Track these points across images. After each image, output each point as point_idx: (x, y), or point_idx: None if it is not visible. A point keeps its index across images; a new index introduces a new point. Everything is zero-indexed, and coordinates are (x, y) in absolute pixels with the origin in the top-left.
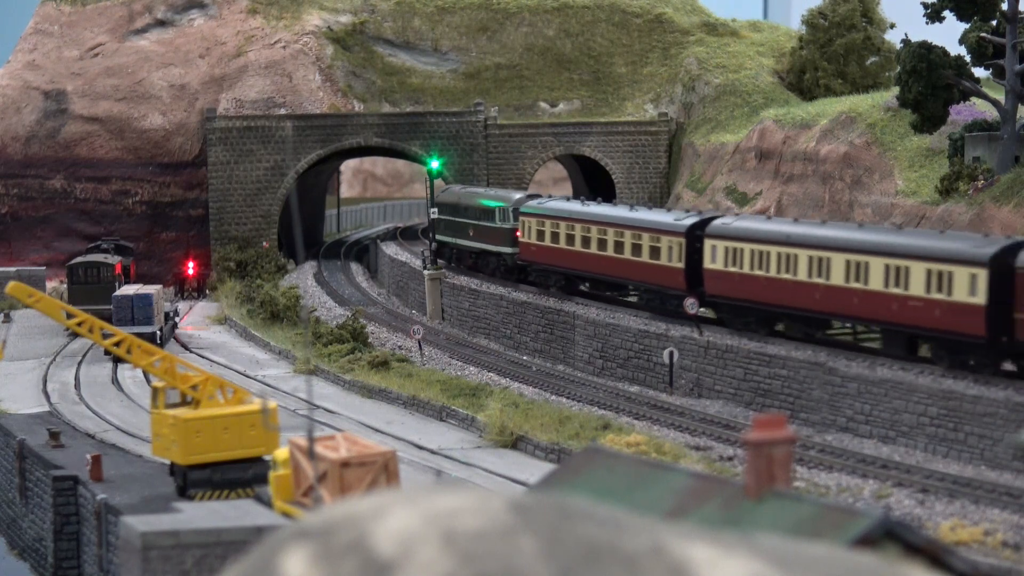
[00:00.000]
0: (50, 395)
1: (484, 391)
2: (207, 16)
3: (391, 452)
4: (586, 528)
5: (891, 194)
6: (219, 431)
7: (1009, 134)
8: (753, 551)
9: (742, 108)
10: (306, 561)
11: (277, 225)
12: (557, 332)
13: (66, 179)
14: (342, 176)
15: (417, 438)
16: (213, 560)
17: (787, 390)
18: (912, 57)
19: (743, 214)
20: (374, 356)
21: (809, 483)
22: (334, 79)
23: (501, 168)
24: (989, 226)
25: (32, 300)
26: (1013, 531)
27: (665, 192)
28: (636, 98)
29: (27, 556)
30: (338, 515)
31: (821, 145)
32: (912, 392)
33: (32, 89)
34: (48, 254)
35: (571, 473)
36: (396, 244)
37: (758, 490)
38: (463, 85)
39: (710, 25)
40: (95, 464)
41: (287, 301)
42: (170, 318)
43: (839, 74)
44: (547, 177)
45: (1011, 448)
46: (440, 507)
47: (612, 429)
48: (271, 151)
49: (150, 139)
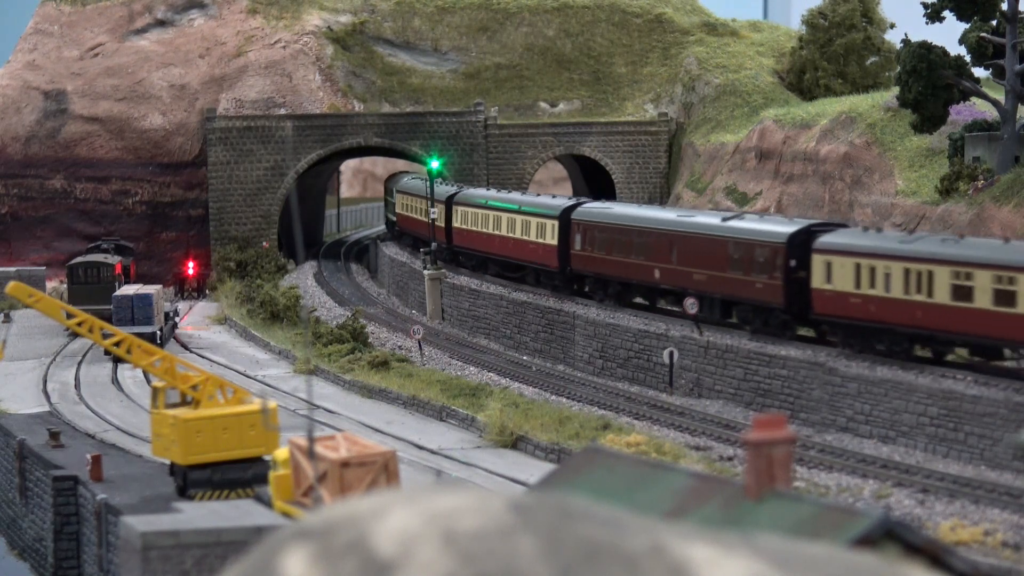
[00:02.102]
0: (50, 395)
1: (484, 391)
2: (207, 16)
3: (391, 452)
4: (586, 528)
5: (891, 194)
6: (219, 431)
7: (1009, 134)
8: (753, 551)
9: (742, 108)
10: (306, 561)
11: (277, 225)
12: (557, 332)
13: (66, 179)
14: (342, 176)
15: (417, 438)
16: (213, 560)
17: (787, 390)
18: (912, 57)
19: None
20: (374, 356)
21: (809, 483)
22: (334, 79)
23: (501, 168)
24: (989, 226)
25: (32, 300)
26: (1013, 531)
27: (665, 192)
28: (636, 98)
29: (27, 556)
30: (338, 515)
31: (821, 145)
32: (912, 392)
33: (32, 89)
34: (48, 254)
35: (571, 473)
36: (396, 244)
37: (758, 490)
38: (463, 85)
39: (710, 25)
40: (95, 464)
41: (287, 301)
42: (170, 318)
43: (839, 74)
44: (547, 177)
45: (1011, 448)
46: (440, 507)
47: (612, 429)
48: (271, 151)
49: (150, 139)
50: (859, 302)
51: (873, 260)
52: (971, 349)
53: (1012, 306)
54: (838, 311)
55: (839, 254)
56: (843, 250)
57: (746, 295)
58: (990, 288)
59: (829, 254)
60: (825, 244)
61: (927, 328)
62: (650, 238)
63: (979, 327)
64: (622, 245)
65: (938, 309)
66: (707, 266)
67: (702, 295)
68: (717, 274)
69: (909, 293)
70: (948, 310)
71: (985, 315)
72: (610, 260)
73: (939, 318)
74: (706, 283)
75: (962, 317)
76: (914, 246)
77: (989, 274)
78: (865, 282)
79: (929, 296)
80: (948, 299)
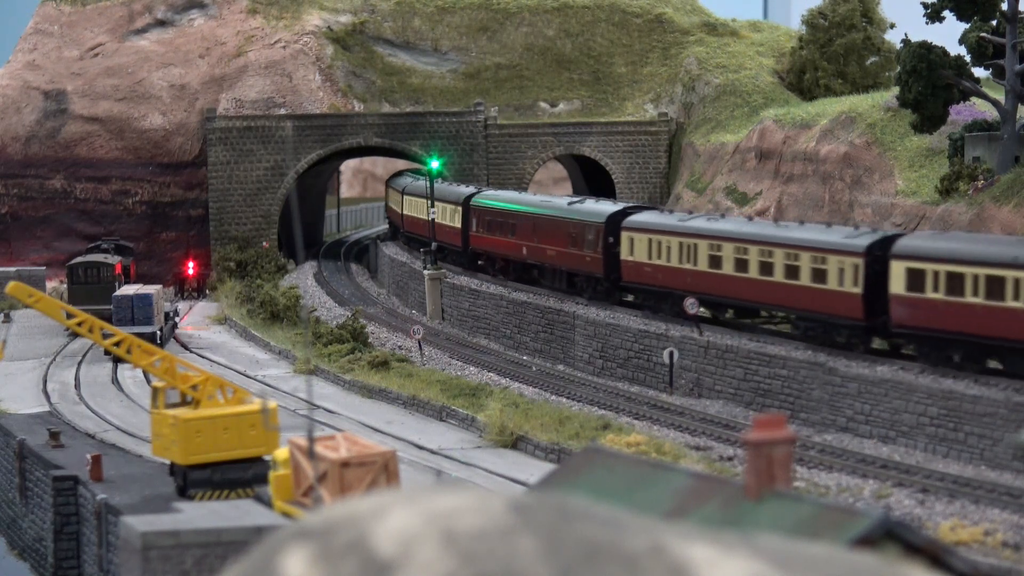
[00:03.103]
0: (50, 395)
1: (484, 391)
2: (207, 16)
3: (391, 452)
4: (586, 528)
5: (891, 194)
6: (219, 431)
7: (1009, 134)
8: (753, 551)
9: (742, 108)
10: (306, 561)
11: (277, 225)
12: (557, 332)
13: (66, 179)
14: (342, 176)
15: (417, 438)
16: (213, 560)
17: (787, 390)
18: (912, 57)
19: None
20: (374, 356)
21: (809, 483)
22: (334, 79)
23: (501, 168)
24: (989, 226)
25: (32, 300)
26: (1013, 531)
27: (665, 192)
28: (636, 98)
29: (27, 556)
30: (338, 515)
31: (821, 145)
32: (912, 392)
33: (32, 89)
34: (48, 254)
35: (571, 473)
36: (396, 244)
37: (758, 490)
38: (463, 85)
39: (710, 25)
40: (95, 464)
41: (287, 301)
42: (170, 318)
43: (839, 74)
44: (547, 177)
45: (1011, 448)
46: (440, 507)
47: (612, 429)
48: (271, 151)
49: (150, 139)
50: (650, 270)
51: (659, 235)
52: (736, 311)
53: (745, 272)
54: (638, 278)
55: (638, 231)
56: (641, 227)
57: (580, 267)
58: (732, 257)
59: (632, 231)
60: (629, 223)
61: (695, 291)
62: (521, 221)
63: (732, 291)
64: (504, 227)
65: (702, 275)
66: (555, 243)
67: (553, 268)
68: (561, 250)
69: (681, 262)
70: (708, 276)
71: (734, 280)
72: (496, 240)
73: (702, 282)
74: (555, 257)
75: (719, 281)
76: (687, 223)
77: (732, 246)
78: (654, 253)
79: (694, 264)
80: (706, 267)
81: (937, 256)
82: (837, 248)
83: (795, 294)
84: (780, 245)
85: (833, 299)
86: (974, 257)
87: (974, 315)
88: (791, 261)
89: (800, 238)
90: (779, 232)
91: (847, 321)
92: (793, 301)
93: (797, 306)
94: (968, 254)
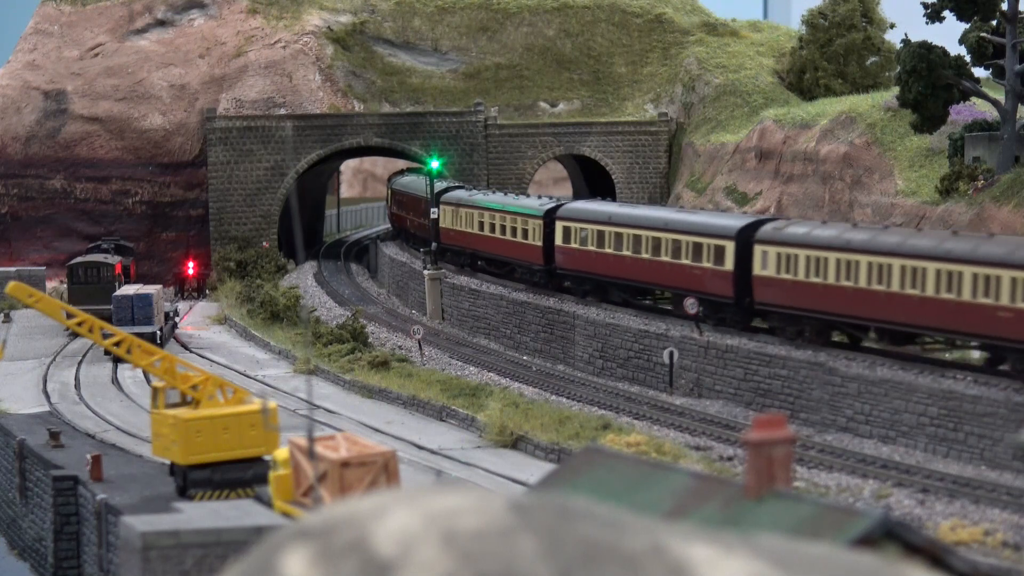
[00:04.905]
0: (50, 395)
1: (484, 391)
2: (207, 16)
3: (391, 452)
4: (586, 528)
5: (891, 194)
6: (219, 431)
7: (1009, 134)
8: (753, 551)
9: (742, 108)
10: (306, 561)
11: (277, 225)
12: (557, 332)
13: (66, 179)
14: (342, 176)
15: (417, 438)
16: (213, 560)
17: (787, 390)
18: (912, 57)
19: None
20: (374, 356)
21: (809, 483)
22: (334, 79)
23: (501, 168)
24: (989, 226)
25: (32, 300)
26: (1013, 531)
27: (665, 192)
28: (636, 98)
29: (27, 556)
30: (338, 515)
31: (821, 145)
32: (912, 392)
33: (32, 89)
34: (48, 254)
35: (571, 473)
36: (396, 244)
37: (758, 490)
38: (463, 85)
39: (710, 25)
40: (95, 464)
41: (287, 301)
42: (170, 318)
43: (839, 74)
44: (547, 177)
45: (1011, 448)
46: (440, 507)
47: (612, 429)
48: (271, 151)
49: (150, 139)
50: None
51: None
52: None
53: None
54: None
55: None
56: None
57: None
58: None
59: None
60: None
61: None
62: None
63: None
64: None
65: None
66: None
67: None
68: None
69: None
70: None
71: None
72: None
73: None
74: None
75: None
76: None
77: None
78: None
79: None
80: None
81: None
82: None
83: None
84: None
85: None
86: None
87: (589, 258)
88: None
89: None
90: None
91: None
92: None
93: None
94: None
